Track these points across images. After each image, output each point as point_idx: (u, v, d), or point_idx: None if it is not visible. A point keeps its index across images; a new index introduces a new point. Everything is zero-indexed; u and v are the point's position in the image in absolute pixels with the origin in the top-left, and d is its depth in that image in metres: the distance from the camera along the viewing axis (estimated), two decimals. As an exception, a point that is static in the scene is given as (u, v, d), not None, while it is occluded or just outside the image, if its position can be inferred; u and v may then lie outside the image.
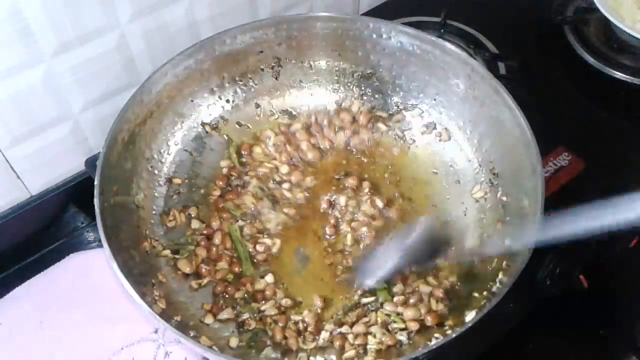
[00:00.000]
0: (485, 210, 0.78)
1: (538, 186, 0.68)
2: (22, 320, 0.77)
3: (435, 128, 0.85)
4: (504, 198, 0.76)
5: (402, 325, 0.70)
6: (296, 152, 0.85)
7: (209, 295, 0.74)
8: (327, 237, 0.78)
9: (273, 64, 0.87)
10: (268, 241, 0.78)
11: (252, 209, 0.80)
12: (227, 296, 0.74)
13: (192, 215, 0.80)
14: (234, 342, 0.70)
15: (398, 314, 0.71)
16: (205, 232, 0.78)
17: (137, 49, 0.82)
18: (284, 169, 0.83)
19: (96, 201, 0.67)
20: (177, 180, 0.81)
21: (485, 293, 0.68)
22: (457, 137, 0.84)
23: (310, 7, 1.00)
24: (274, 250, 0.77)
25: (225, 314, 0.72)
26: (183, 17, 0.84)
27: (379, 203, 0.80)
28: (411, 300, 0.72)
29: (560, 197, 0.82)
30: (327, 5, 1.01)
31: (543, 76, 1.00)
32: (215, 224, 0.78)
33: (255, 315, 0.72)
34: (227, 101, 0.87)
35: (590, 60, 1.00)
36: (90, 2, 0.73)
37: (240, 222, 0.79)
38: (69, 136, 0.83)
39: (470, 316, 0.67)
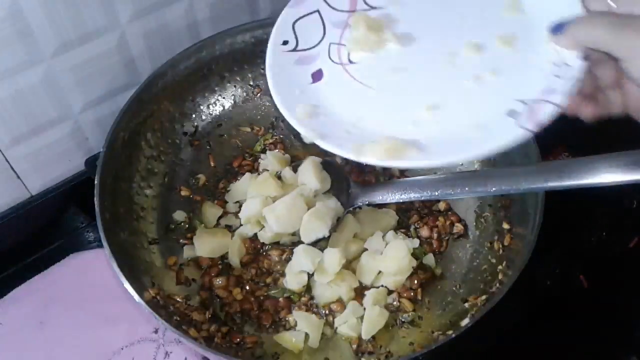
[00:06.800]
0: (486, 212, 0.78)
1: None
2: (22, 320, 0.77)
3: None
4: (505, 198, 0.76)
5: None
6: None
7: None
8: None
9: (273, 64, 0.87)
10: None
11: None
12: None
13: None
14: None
15: None
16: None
17: (137, 49, 0.82)
18: None
19: (96, 201, 0.67)
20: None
21: (484, 295, 0.68)
22: (457, 137, 0.84)
23: (310, 7, 0.99)
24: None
25: None
26: (183, 17, 0.84)
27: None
28: None
29: (560, 197, 0.81)
30: (327, 5, 1.01)
31: (543, 76, 0.99)
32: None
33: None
34: (228, 101, 0.87)
35: (590, 60, 1.00)
36: (90, 2, 0.73)
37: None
38: (69, 136, 0.83)
39: (469, 316, 0.67)
